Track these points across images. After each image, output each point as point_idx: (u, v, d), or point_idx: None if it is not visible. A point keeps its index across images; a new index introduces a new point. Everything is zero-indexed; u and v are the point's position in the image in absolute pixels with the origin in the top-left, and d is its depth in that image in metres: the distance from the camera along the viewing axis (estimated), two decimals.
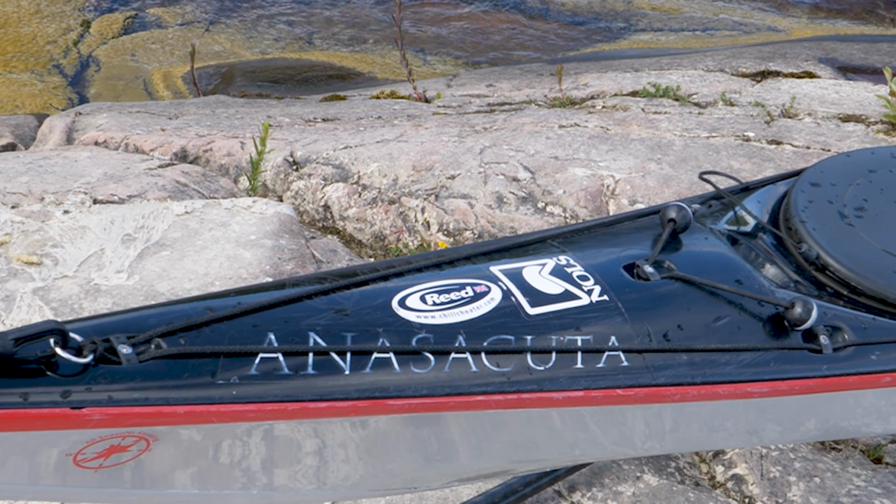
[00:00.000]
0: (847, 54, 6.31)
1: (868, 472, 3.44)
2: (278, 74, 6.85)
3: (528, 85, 6.03)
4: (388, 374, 2.01)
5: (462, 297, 2.21)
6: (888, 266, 2.79)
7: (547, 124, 5.05)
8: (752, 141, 4.90)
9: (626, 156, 4.61)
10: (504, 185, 4.44)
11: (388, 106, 5.67)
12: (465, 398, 2.08)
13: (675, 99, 5.48)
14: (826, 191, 3.00)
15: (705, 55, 6.41)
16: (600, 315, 2.33)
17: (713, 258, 2.65)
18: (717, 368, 2.42)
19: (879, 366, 2.63)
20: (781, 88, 5.65)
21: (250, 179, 4.60)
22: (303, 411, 1.91)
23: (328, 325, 2.01)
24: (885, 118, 5.11)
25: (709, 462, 3.45)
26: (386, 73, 6.72)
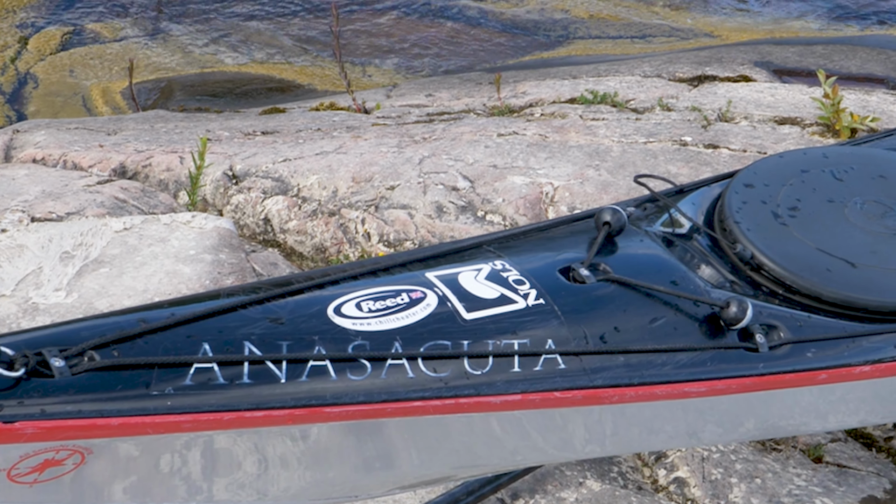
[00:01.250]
0: (782, 57, 6.37)
1: (808, 471, 3.48)
2: (218, 88, 6.83)
3: (468, 94, 6.05)
4: (324, 382, 2.02)
5: (398, 303, 2.22)
6: (822, 264, 2.82)
7: (486, 133, 5.07)
8: (689, 145, 4.94)
9: (565, 163, 4.64)
10: (443, 194, 4.46)
11: (328, 118, 5.67)
12: (402, 404, 2.09)
13: (613, 105, 5.52)
14: (760, 191, 3.04)
15: (643, 61, 6.45)
16: (536, 319, 2.34)
17: (648, 260, 2.67)
18: (654, 369, 2.45)
19: (815, 363, 2.66)
20: (718, 93, 5.71)
21: (189, 194, 4.58)
22: (239, 421, 1.91)
23: (263, 335, 2.02)
24: (820, 120, 5.17)
25: (651, 466, 3.47)
26: (326, 85, 6.72)
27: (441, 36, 7.33)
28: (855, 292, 2.79)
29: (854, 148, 3.56)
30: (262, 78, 6.97)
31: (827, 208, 3.03)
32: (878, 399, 2.96)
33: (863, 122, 5.08)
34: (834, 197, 3.08)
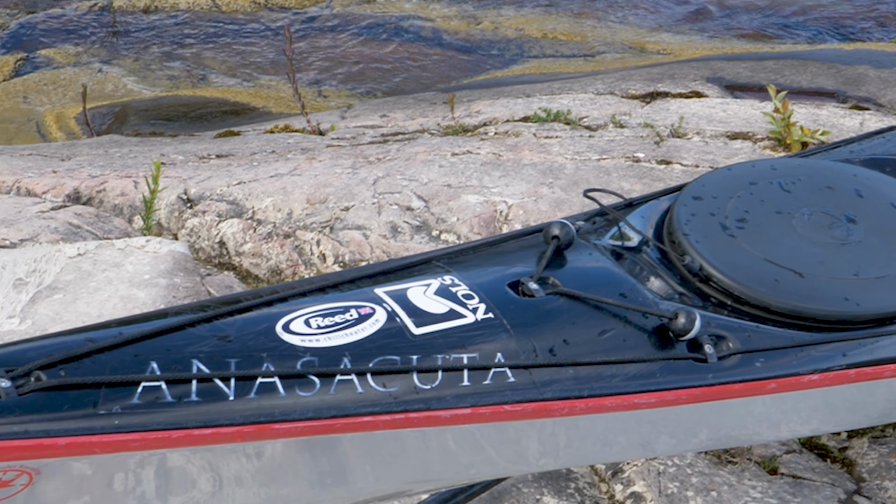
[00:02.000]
0: (734, 73, 6.43)
1: (764, 483, 3.50)
2: (172, 112, 6.83)
3: (422, 114, 6.07)
4: (273, 399, 2.03)
5: (346, 319, 2.23)
6: (770, 275, 2.85)
7: (440, 153, 5.09)
8: (641, 162, 4.97)
9: (519, 181, 4.66)
10: (398, 214, 4.47)
11: (282, 140, 5.68)
12: (351, 419, 2.10)
13: (566, 123, 5.55)
14: (708, 204, 3.07)
15: (596, 78, 6.49)
16: (486, 332, 2.36)
17: (597, 273, 2.69)
18: (603, 381, 2.46)
19: (764, 372, 2.69)
20: (670, 109, 5.74)
21: (144, 219, 4.59)
22: (187, 438, 1.92)
23: (211, 352, 2.03)
24: (771, 134, 5.22)
25: (608, 481, 3.48)
26: (280, 107, 6.73)
27: (396, 56, 7.35)
28: (803, 302, 2.82)
29: (802, 160, 3.61)
30: (217, 101, 6.97)
31: (775, 219, 3.06)
32: (830, 408, 2.99)
33: (813, 136, 5.13)
34: (782, 208, 3.11)
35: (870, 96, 6.14)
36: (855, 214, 3.14)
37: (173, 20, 8.03)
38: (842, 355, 2.80)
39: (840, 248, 3.02)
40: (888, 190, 3.30)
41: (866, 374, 2.86)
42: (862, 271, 2.96)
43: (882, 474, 3.64)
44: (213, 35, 7.76)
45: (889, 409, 3.18)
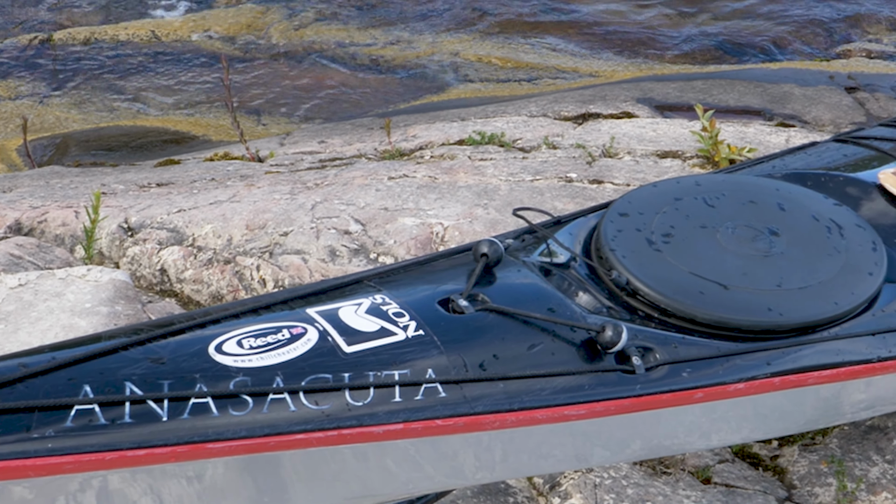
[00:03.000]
0: (663, 93, 6.48)
1: (698, 492, 3.52)
2: (113, 142, 6.80)
3: (359, 139, 6.08)
4: (206, 419, 2.04)
5: (279, 339, 2.24)
6: (695, 287, 2.88)
7: (377, 177, 5.10)
8: (574, 182, 5.01)
9: (454, 203, 4.68)
10: (336, 238, 4.48)
11: (222, 167, 5.67)
12: (284, 437, 2.11)
13: (501, 145, 5.57)
14: (634, 220, 3.09)
15: (529, 101, 6.52)
16: (417, 349, 2.37)
17: (526, 289, 2.71)
18: (533, 394, 2.48)
19: (691, 383, 2.71)
20: (602, 129, 5.78)
21: (85, 248, 4.57)
22: (121, 460, 1.92)
23: (144, 375, 2.03)
24: (700, 152, 5.27)
25: (546, 494, 3.49)
26: (221, 136, 6.72)
27: (333, 83, 7.37)
28: (727, 313, 2.85)
29: (726, 176, 3.65)
30: (158, 130, 6.95)
31: (700, 234, 3.09)
32: (759, 416, 3.01)
33: (740, 153, 5.18)
34: (706, 223, 3.14)
35: (795, 113, 6.21)
36: (777, 227, 3.18)
37: (113, 51, 8.00)
38: (766, 364, 2.83)
39: (763, 260, 3.06)
40: (809, 203, 3.34)
41: (791, 381, 2.89)
42: (784, 282, 3.00)
43: (812, 481, 3.67)
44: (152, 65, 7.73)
45: (816, 416, 3.21)
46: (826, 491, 3.63)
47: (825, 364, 2.97)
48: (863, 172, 3.65)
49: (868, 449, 3.75)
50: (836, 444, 3.78)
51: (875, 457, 3.73)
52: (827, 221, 3.26)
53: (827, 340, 2.97)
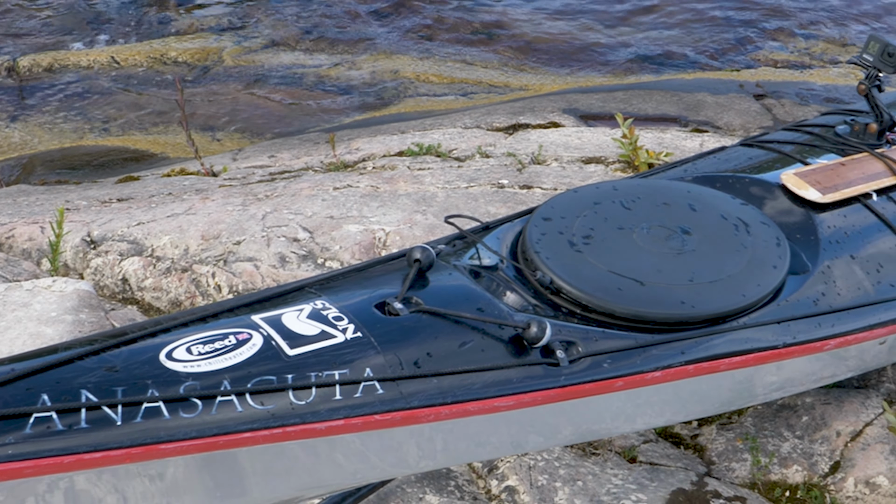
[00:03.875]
0: (587, 104, 6.51)
1: (624, 471, 3.54)
2: (76, 161, 6.74)
3: (307, 153, 6.06)
4: (158, 422, 2.03)
5: (225, 345, 2.23)
6: (613, 285, 2.90)
7: (323, 188, 5.09)
8: (506, 188, 5.01)
9: (395, 210, 4.68)
10: (286, 245, 4.47)
11: (178, 182, 5.63)
12: (232, 436, 2.11)
13: (438, 155, 5.57)
14: (557, 224, 3.10)
15: (464, 114, 6.53)
16: (355, 350, 2.37)
17: (456, 291, 2.71)
18: (465, 388, 2.49)
19: (611, 372, 2.73)
20: (531, 138, 5.79)
21: (51, 261, 4.53)
22: (79, 463, 1.91)
23: (99, 382, 2.02)
24: (621, 157, 5.30)
25: (484, 477, 3.50)
26: (177, 153, 6.68)
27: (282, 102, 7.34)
28: (644, 307, 2.87)
29: (642, 180, 3.66)
30: (119, 149, 6.90)
31: (617, 235, 3.11)
32: (678, 400, 3.03)
33: (658, 158, 5.21)
34: (623, 224, 3.16)
35: (708, 120, 6.25)
36: (689, 227, 3.20)
37: (76, 76, 7.93)
38: (681, 353, 2.85)
39: (676, 258, 3.08)
40: (718, 203, 3.37)
41: (704, 368, 2.92)
42: (696, 277, 3.02)
43: (729, 457, 3.71)
44: (113, 89, 7.67)
45: (731, 399, 3.24)
46: (742, 466, 3.66)
47: (736, 351, 2.99)
48: (767, 174, 3.68)
49: (780, 426, 3.79)
50: (751, 422, 3.82)
51: (786, 433, 3.77)
52: (734, 220, 3.29)
53: (736, 330, 2.99)
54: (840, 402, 3.87)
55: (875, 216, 3.57)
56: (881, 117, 3.93)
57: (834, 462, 3.65)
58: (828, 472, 3.63)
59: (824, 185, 3.56)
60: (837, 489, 3.58)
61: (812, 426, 3.77)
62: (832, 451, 3.69)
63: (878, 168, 3.73)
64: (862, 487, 3.57)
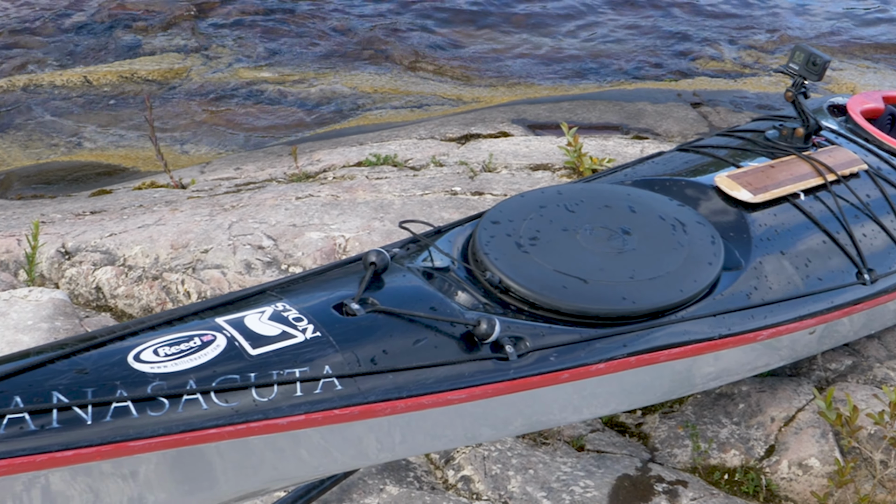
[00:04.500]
0: (535, 114, 6.52)
1: (573, 459, 3.55)
2: (52, 176, 6.69)
3: (270, 165, 6.05)
4: (126, 421, 2.02)
5: (191, 346, 2.23)
6: (559, 283, 2.91)
7: (286, 197, 5.07)
8: (458, 194, 5.02)
9: (354, 217, 4.67)
10: (251, 253, 4.45)
11: (149, 195, 5.61)
12: (198, 433, 2.10)
13: (394, 165, 5.57)
14: (505, 226, 3.11)
15: (419, 126, 6.53)
16: (314, 349, 2.37)
17: (410, 291, 2.72)
18: (420, 383, 2.49)
19: (558, 365, 2.74)
20: (482, 147, 5.80)
21: (27, 272, 4.50)
22: (51, 461, 1.91)
23: (69, 384, 2.01)
24: (567, 164, 5.31)
25: (441, 468, 3.50)
26: (148, 167, 6.64)
27: (248, 116, 7.32)
28: (587, 304, 2.88)
29: (584, 184, 3.68)
30: (92, 164, 6.85)
31: (562, 236, 3.12)
32: (623, 390, 3.05)
33: (601, 163, 5.23)
34: (568, 226, 3.17)
35: (648, 127, 6.29)
36: (629, 227, 3.22)
37: (50, 95, 7.87)
38: (623, 346, 2.87)
39: (617, 256, 3.09)
40: (656, 205, 3.39)
41: (645, 359, 2.93)
42: (636, 274, 3.04)
43: (671, 443, 3.72)
44: (86, 106, 7.62)
45: (671, 388, 3.26)
46: (683, 451, 3.68)
47: (675, 343, 3.01)
48: (702, 177, 3.70)
49: (718, 413, 3.81)
50: (691, 410, 3.84)
51: (724, 420, 3.79)
52: (672, 220, 3.31)
53: (675, 323, 3.01)
54: (774, 389, 3.90)
55: (803, 214, 3.61)
56: (807, 122, 3.97)
57: (769, 446, 3.68)
58: (763, 456, 3.66)
59: (755, 186, 3.59)
60: (772, 471, 3.61)
61: (748, 413, 3.80)
62: (767, 435, 3.71)
63: (805, 169, 3.77)
64: (795, 469, 3.60)
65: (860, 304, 3.58)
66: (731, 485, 3.57)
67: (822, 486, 3.55)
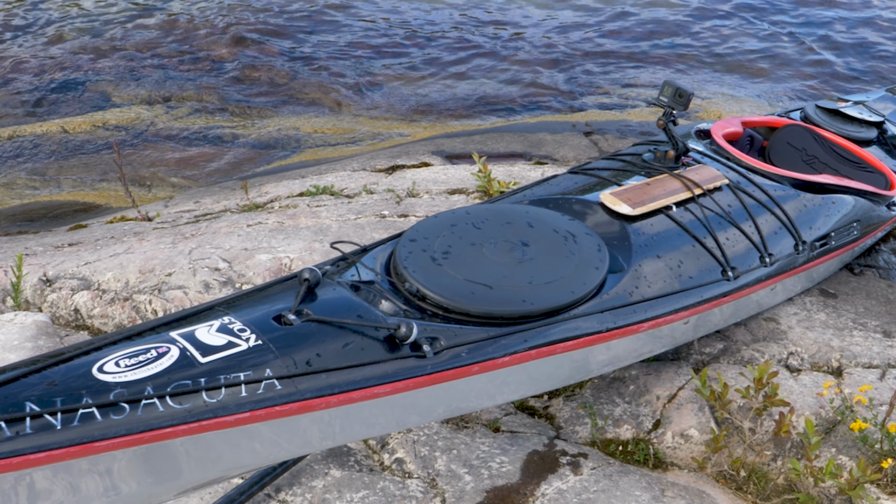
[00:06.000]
0: (451, 146, 6.54)
1: (490, 439, 3.56)
2: (34, 214, 6.58)
3: (225, 198, 6.00)
4: (92, 424, 2.01)
5: (148, 357, 2.22)
6: (468, 290, 2.93)
7: (238, 225, 5.04)
8: (387, 217, 5.02)
9: (298, 240, 4.65)
10: (209, 274, 4.42)
11: (120, 227, 5.54)
12: (155, 432, 2.10)
13: (331, 194, 5.55)
14: (421, 243, 3.12)
15: (353, 160, 6.52)
16: (257, 355, 2.37)
17: (339, 302, 2.72)
18: (350, 380, 2.50)
19: (469, 360, 2.76)
20: (406, 176, 5.80)
21: (14, 298, 4.44)
22: (24, 462, 1.89)
23: (41, 395, 2.00)
24: (479, 188, 5.33)
25: (378, 452, 3.50)
26: (119, 203, 6.55)
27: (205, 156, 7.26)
28: (493, 306, 2.90)
29: (490, 204, 3.70)
30: (70, 203, 6.75)
31: (470, 250, 3.14)
32: (528, 379, 3.07)
33: (507, 186, 5.26)
34: (475, 241, 3.19)
35: (548, 154, 6.32)
36: (528, 240, 3.24)
37: (32, 143, 7.74)
38: (524, 341, 2.89)
39: (518, 265, 3.12)
40: (550, 220, 3.42)
41: (544, 352, 2.96)
42: (534, 280, 3.06)
43: (574, 422, 3.75)
44: (64, 152, 7.50)
45: (570, 374, 3.28)
46: (584, 428, 3.71)
47: (570, 337, 3.04)
48: (589, 195, 3.74)
49: (612, 394, 3.84)
50: (590, 393, 3.86)
51: (618, 400, 3.82)
52: (564, 233, 3.34)
53: (569, 320, 3.04)
54: (658, 372, 3.93)
55: (675, 223, 3.66)
56: (677, 146, 4.03)
57: (655, 420, 3.72)
58: (651, 429, 3.69)
59: (634, 201, 3.63)
60: (659, 442, 3.64)
61: (637, 393, 3.83)
62: (654, 411, 3.75)
63: (676, 185, 3.82)
64: (678, 439, 3.64)
65: (726, 297, 3.64)
66: (625, 455, 3.60)
67: (700, 452, 3.59)
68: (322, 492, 3.23)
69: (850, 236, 4.30)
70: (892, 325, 4.32)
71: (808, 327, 4.23)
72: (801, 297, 4.45)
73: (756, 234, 3.82)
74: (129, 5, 9.89)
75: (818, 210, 4.13)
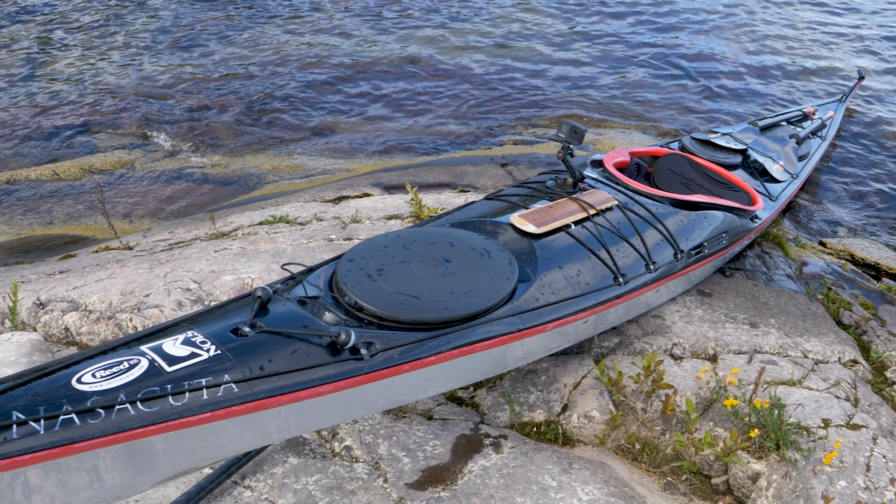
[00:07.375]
0: (389, 179, 6.53)
1: (425, 426, 3.57)
2: (30, 247, 6.45)
3: (196, 228, 5.93)
4: (71, 428, 1.98)
5: (121, 368, 2.19)
6: (399, 301, 2.93)
7: (206, 251, 4.99)
8: (334, 241, 5.00)
9: (258, 263, 4.62)
10: (181, 294, 4.37)
11: (104, 256, 5.45)
12: (128, 433, 2.08)
13: (287, 222, 5.52)
14: (359, 262, 3.12)
15: (305, 192, 6.48)
16: (216, 363, 2.35)
17: (288, 315, 2.71)
18: (297, 382, 2.49)
19: (401, 360, 2.76)
20: (351, 205, 5.79)
21: (11, 320, 4.35)
22: (12, 464, 1.86)
23: (26, 405, 1.96)
24: (412, 213, 5.34)
25: (329, 441, 3.48)
26: (104, 235, 6.44)
27: (177, 193, 7.18)
28: (420, 314, 2.91)
29: (417, 228, 3.71)
30: (62, 236, 6.62)
31: (401, 267, 3.14)
32: (454, 374, 3.08)
33: (436, 211, 5.27)
34: (405, 259, 3.20)
35: (470, 183, 6.35)
36: (449, 257, 3.26)
37: (27, 185, 7.58)
38: (447, 343, 2.90)
39: (441, 278, 3.13)
40: (468, 240, 3.44)
41: (465, 351, 2.98)
42: (455, 290, 3.08)
43: (496, 409, 3.76)
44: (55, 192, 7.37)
45: (490, 369, 3.30)
46: (504, 414, 3.72)
47: (487, 337, 3.06)
48: (501, 217, 3.77)
49: (528, 384, 3.87)
50: (509, 384, 3.89)
51: (532, 388, 3.84)
52: (480, 250, 3.36)
53: (485, 323, 3.06)
54: (565, 364, 3.97)
55: (574, 239, 3.70)
56: (574, 174, 4.07)
57: (563, 405, 3.75)
58: (560, 412, 3.72)
59: (539, 221, 3.67)
60: (567, 423, 3.67)
61: (548, 382, 3.86)
62: (562, 397, 3.78)
63: (574, 207, 3.87)
64: (583, 420, 3.67)
65: (619, 299, 3.69)
66: (539, 435, 3.62)
67: (601, 430, 3.63)
68: (282, 477, 3.21)
69: (721, 245, 4.39)
70: (757, 318, 4.41)
71: (688, 322, 4.30)
72: (682, 297, 4.53)
73: (642, 245, 3.88)
74: (106, 64, 9.76)
75: (693, 224, 4.20)
